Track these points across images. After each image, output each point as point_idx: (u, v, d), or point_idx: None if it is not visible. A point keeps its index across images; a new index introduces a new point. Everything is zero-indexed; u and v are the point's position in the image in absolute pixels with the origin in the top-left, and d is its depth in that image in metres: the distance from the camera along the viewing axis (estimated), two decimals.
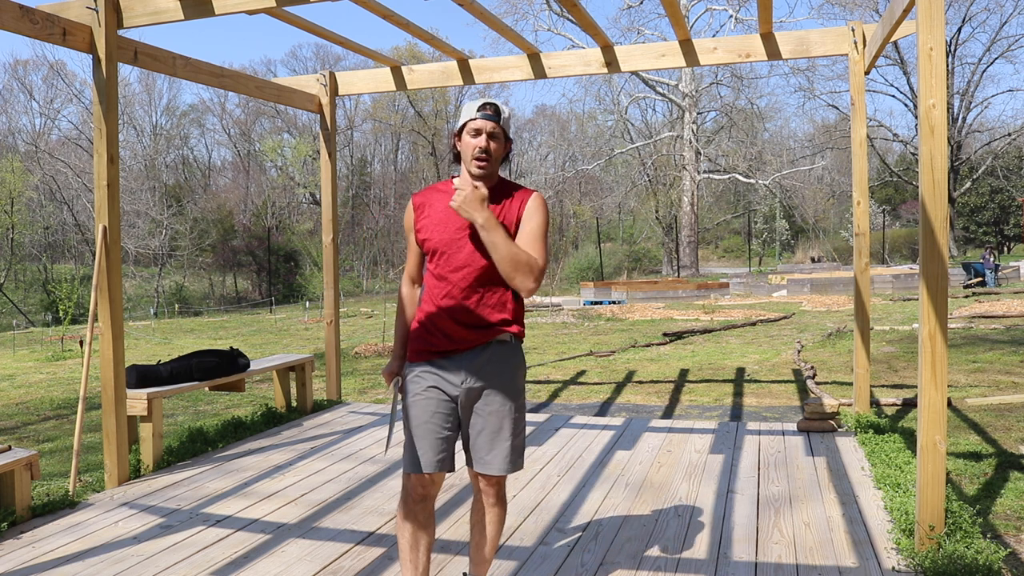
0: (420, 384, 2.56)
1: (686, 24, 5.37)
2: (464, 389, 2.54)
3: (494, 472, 2.56)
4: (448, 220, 2.55)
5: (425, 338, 2.58)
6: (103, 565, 3.26)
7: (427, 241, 2.57)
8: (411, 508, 2.56)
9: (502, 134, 2.54)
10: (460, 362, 2.54)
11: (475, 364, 2.54)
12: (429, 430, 2.53)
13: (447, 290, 2.53)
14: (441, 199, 2.59)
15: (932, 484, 3.11)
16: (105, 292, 4.41)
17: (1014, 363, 8.15)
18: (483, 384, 2.55)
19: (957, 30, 33.34)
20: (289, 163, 41.75)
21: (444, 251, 2.53)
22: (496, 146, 2.52)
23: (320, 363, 8.87)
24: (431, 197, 2.62)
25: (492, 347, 2.56)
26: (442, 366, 2.55)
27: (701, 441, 5.11)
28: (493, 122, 2.51)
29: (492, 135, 2.51)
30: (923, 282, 3.11)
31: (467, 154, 2.52)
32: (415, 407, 2.56)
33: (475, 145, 2.49)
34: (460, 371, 2.54)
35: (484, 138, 2.50)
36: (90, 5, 4.36)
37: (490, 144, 2.50)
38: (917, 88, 7.98)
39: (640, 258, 39.19)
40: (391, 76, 6.37)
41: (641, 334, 12.18)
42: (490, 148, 2.50)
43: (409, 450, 2.55)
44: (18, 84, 42.09)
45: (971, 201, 38.44)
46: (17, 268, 31.68)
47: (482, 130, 2.50)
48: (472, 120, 2.51)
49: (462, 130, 2.54)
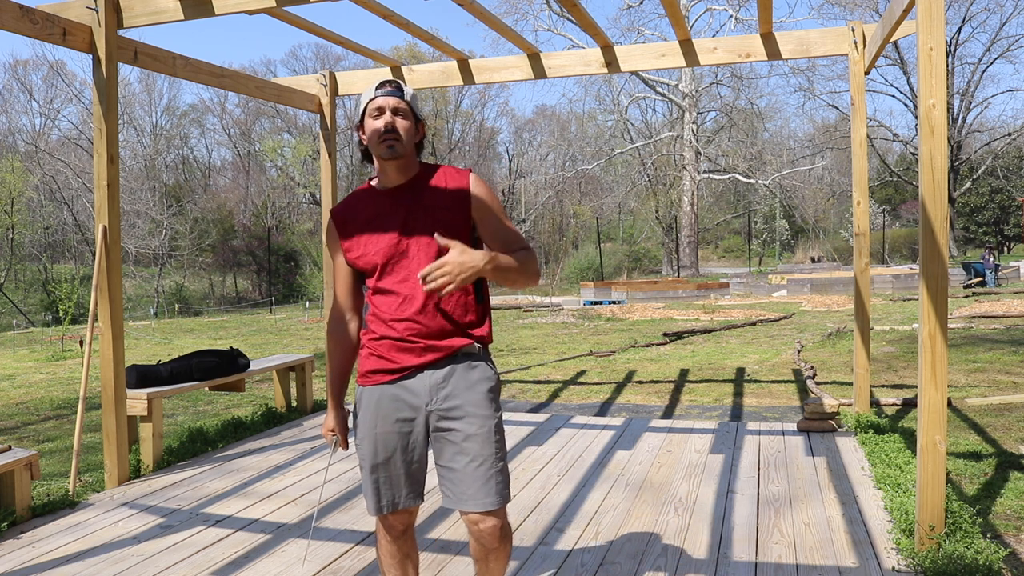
0: (377, 413, 2.23)
1: (686, 24, 5.37)
2: (429, 412, 2.21)
3: (491, 507, 2.18)
4: (382, 225, 2.23)
5: (378, 359, 2.23)
6: (103, 565, 3.26)
7: (362, 257, 2.24)
8: (393, 544, 2.35)
9: (410, 111, 2.21)
10: (422, 381, 2.21)
11: (439, 381, 2.20)
12: (395, 466, 2.24)
13: (398, 303, 2.19)
14: (364, 207, 2.27)
15: (932, 484, 3.11)
16: (105, 292, 4.41)
17: (1014, 363, 8.15)
18: (451, 405, 2.19)
19: (957, 30, 33.36)
20: (289, 163, 41.75)
21: (386, 263, 2.21)
22: (406, 124, 2.18)
23: (320, 363, 8.87)
24: (353, 209, 2.28)
25: (457, 359, 2.22)
26: (402, 388, 2.22)
27: (701, 441, 5.11)
28: (396, 98, 2.19)
29: (397, 110, 2.18)
30: (923, 282, 3.11)
31: (373, 139, 2.18)
32: (373, 441, 2.24)
33: (380, 124, 2.16)
34: (423, 392, 2.20)
35: (388, 114, 2.17)
36: (90, 5, 4.36)
37: (396, 120, 2.17)
38: (917, 88, 7.99)
39: (640, 258, 39.19)
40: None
41: (641, 334, 12.18)
42: (397, 125, 2.17)
43: (374, 493, 2.26)
44: (18, 84, 42.11)
45: (971, 201, 38.44)
46: (17, 268, 31.68)
47: (384, 107, 2.18)
48: (371, 100, 2.19)
49: (363, 118, 2.21)
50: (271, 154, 42.60)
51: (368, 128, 2.19)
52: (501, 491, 2.20)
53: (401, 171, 2.23)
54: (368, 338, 2.27)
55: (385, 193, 2.26)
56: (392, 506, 2.27)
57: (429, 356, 2.20)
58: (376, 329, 2.24)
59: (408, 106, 2.21)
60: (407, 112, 2.21)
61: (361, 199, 2.29)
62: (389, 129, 2.16)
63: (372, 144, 2.19)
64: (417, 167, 2.28)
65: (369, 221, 2.24)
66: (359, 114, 2.23)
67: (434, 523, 3.68)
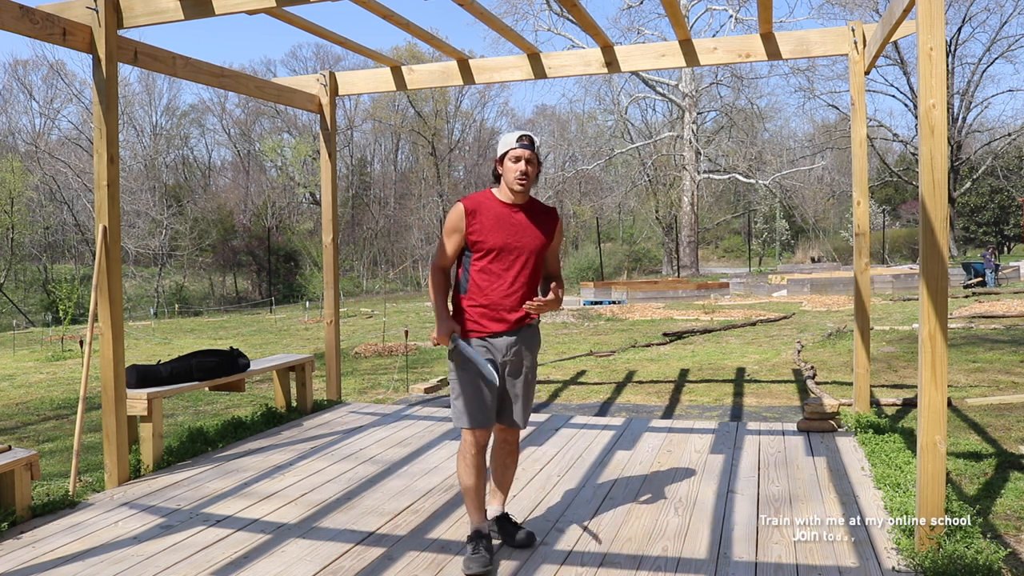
0: (480, 355, 3.14)
1: (686, 24, 5.37)
2: (507, 361, 3.24)
3: (519, 425, 3.35)
4: (501, 227, 3.18)
5: (479, 323, 3.20)
6: (103, 565, 3.25)
7: (482, 243, 3.17)
8: (475, 456, 3.20)
9: (536, 160, 3.17)
10: (506, 340, 3.22)
11: (516, 341, 3.23)
12: (486, 391, 3.18)
13: (499, 284, 3.18)
14: (489, 207, 3.20)
15: (932, 484, 3.11)
16: (105, 292, 4.41)
17: (1014, 363, 8.15)
18: (519, 358, 3.26)
19: (957, 30, 33.35)
20: (289, 163, 41.75)
21: (499, 253, 3.18)
22: (532, 169, 3.16)
23: (320, 363, 8.87)
24: (481, 205, 3.20)
25: (526, 328, 3.27)
26: (492, 343, 3.21)
27: (701, 441, 5.11)
28: (530, 151, 3.15)
29: (529, 161, 3.15)
30: (923, 282, 3.11)
31: (509, 176, 3.16)
32: (469, 374, 3.15)
33: (517, 169, 3.14)
34: (505, 347, 3.22)
35: (523, 163, 3.14)
36: (90, 5, 4.36)
37: (528, 169, 3.14)
38: (917, 88, 7.98)
39: (640, 258, 39.21)
40: (391, 76, 6.37)
41: (641, 334, 12.18)
42: (528, 172, 3.15)
43: (477, 409, 3.17)
44: (18, 84, 42.13)
45: (971, 201, 38.44)
46: (17, 268, 31.68)
47: (522, 157, 3.14)
48: (513, 149, 3.15)
49: (503, 157, 3.17)
50: (271, 154, 42.60)
51: (507, 168, 3.17)
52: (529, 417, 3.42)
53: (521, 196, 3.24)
54: (470, 304, 3.25)
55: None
56: (491, 420, 3.24)
57: (514, 323, 3.24)
58: (478, 299, 3.24)
59: (536, 155, 3.17)
60: (535, 161, 3.18)
61: (485, 200, 3.25)
62: (524, 174, 3.15)
63: (508, 180, 3.18)
64: (528, 198, 3.28)
65: (495, 219, 3.20)
66: (499, 152, 3.18)
67: (434, 523, 3.68)
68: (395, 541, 3.45)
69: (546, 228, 3.27)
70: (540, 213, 3.29)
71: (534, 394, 3.35)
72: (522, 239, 3.20)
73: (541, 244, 3.24)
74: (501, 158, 3.18)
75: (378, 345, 11.01)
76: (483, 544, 3.17)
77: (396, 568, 3.16)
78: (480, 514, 3.25)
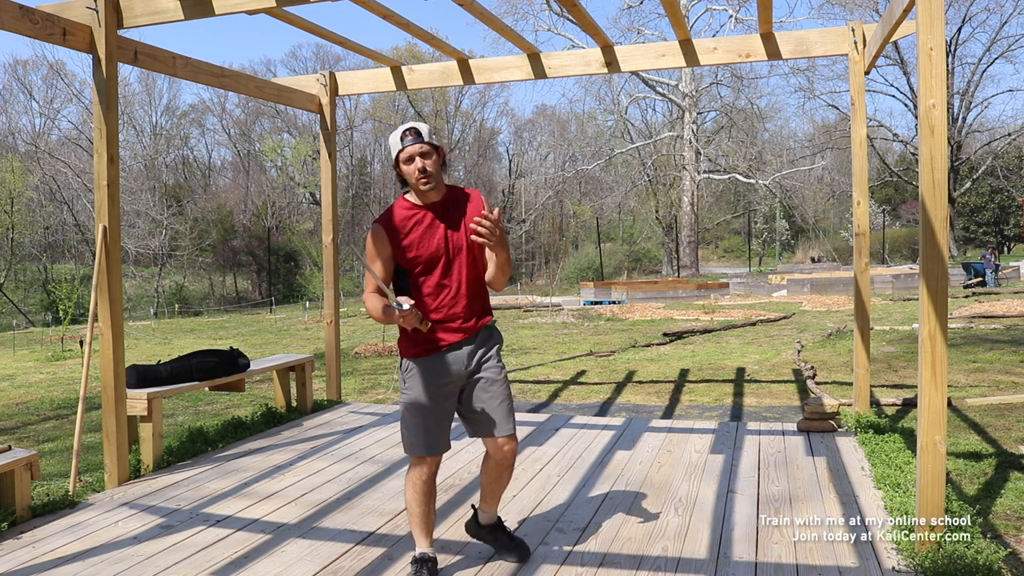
0: (428, 375, 2.93)
1: (686, 24, 5.37)
2: (467, 373, 2.97)
3: (510, 432, 3.00)
4: (430, 237, 2.90)
5: (427, 339, 2.93)
6: (103, 565, 3.25)
7: (418, 256, 2.90)
8: (425, 483, 2.99)
9: (431, 149, 2.85)
10: (466, 350, 2.96)
11: (472, 349, 2.98)
12: (440, 418, 2.96)
13: (446, 294, 2.92)
14: (409, 217, 2.92)
15: (932, 484, 3.11)
16: (105, 292, 4.41)
17: (1014, 363, 8.15)
18: (480, 364, 2.99)
19: (957, 30, 33.35)
20: (289, 163, 41.73)
21: (435, 262, 2.91)
22: (431, 161, 2.84)
23: (320, 363, 8.86)
24: (399, 218, 2.92)
25: (482, 332, 3.02)
26: (445, 359, 2.95)
27: (701, 441, 5.11)
28: (419, 143, 2.84)
29: (424, 154, 2.84)
30: (923, 282, 3.11)
31: (411, 179, 2.86)
32: (426, 398, 2.93)
33: (415, 169, 2.83)
34: (462, 359, 2.96)
35: (419, 160, 2.83)
36: (90, 5, 4.36)
37: (426, 163, 2.83)
38: (917, 88, 7.98)
39: (640, 258, 39.19)
40: (391, 76, 6.37)
41: (641, 334, 12.18)
42: (427, 167, 2.83)
43: (423, 436, 2.94)
44: (18, 84, 42.10)
45: (971, 201, 38.43)
46: (17, 268, 31.67)
47: (414, 155, 2.83)
48: (402, 150, 2.84)
49: (398, 160, 2.86)
50: (271, 154, 42.57)
51: (405, 171, 2.86)
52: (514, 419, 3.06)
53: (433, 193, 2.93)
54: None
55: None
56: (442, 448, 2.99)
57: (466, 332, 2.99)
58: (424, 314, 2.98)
59: (430, 145, 2.85)
60: (430, 151, 2.85)
61: (404, 211, 2.97)
62: (422, 171, 2.83)
63: (411, 182, 2.88)
64: (444, 188, 2.96)
65: (422, 232, 2.94)
66: (393, 155, 2.87)
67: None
68: (395, 541, 3.45)
69: (470, 216, 2.92)
70: (459, 202, 2.97)
71: (510, 394, 3.05)
72: (452, 237, 2.91)
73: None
74: (396, 161, 2.87)
75: (378, 345, 11.01)
76: (427, 568, 3.01)
77: (396, 568, 3.16)
78: (427, 539, 3.06)
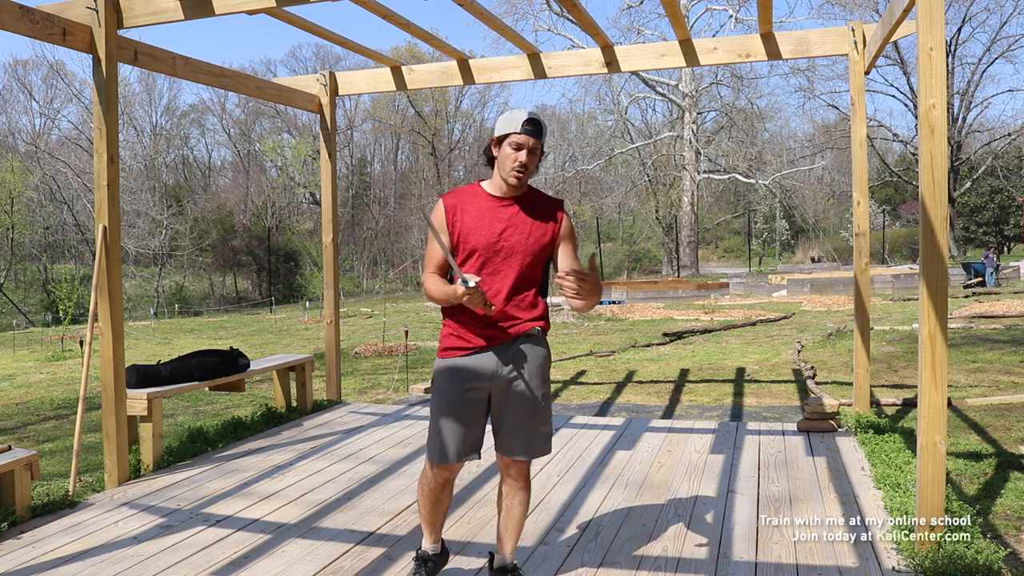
0: (452, 378, 2.71)
1: (686, 24, 5.37)
2: (496, 379, 2.70)
3: (519, 457, 2.72)
4: (486, 224, 2.67)
5: (461, 337, 2.72)
6: (103, 565, 3.25)
7: (464, 243, 2.68)
8: (434, 490, 2.80)
9: (540, 149, 2.66)
10: (494, 355, 2.69)
11: (507, 356, 2.70)
12: (457, 424, 2.69)
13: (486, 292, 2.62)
14: (473, 203, 2.70)
15: (932, 484, 3.11)
16: (105, 292, 4.41)
17: (1014, 363, 8.15)
18: (514, 375, 2.70)
19: (957, 30, 33.35)
20: (289, 163, 41.74)
21: (482, 255, 2.67)
22: (533, 160, 2.64)
23: (320, 363, 8.86)
24: (463, 200, 2.71)
25: (521, 340, 2.72)
26: (476, 361, 2.70)
27: (701, 441, 5.11)
28: (535, 139, 2.63)
29: (532, 151, 2.64)
30: (923, 282, 3.11)
31: (505, 164, 2.64)
32: (448, 401, 2.70)
33: (516, 159, 2.61)
34: (493, 363, 2.69)
35: (524, 153, 2.62)
36: (90, 5, 4.36)
37: (528, 160, 2.63)
38: (917, 88, 7.98)
39: (640, 258, 39.22)
40: (391, 76, 6.37)
41: (641, 334, 12.18)
42: (528, 164, 2.63)
43: (437, 442, 2.70)
44: (18, 84, 42.12)
45: (971, 201, 38.43)
46: (17, 268, 31.69)
47: (523, 145, 2.62)
48: (516, 134, 2.62)
49: (503, 139, 2.64)
50: (271, 154, 42.59)
51: (504, 154, 2.64)
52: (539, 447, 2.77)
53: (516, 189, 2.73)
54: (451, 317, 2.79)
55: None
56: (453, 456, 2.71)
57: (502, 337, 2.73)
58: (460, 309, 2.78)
59: (540, 145, 2.66)
60: (539, 151, 2.66)
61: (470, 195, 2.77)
62: (523, 165, 2.62)
63: (503, 167, 2.66)
64: (526, 188, 2.75)
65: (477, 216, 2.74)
66: (498, 133, 2.64)
67: None
68: (395, 541, 3.45)
69: (547, 225, 2.70)
70: (540, 207, 2.73)
71: (546, 421, 2.75)
72: (512, 237, 2.66)
73: (538, 245, 2.69)
74: (500, 140, 2.65)
75: (378, 345, 11.01)
76: (426, 568, 2.91)
77: (396, 568, 3.16)
78: (432, 536, 2.95)
